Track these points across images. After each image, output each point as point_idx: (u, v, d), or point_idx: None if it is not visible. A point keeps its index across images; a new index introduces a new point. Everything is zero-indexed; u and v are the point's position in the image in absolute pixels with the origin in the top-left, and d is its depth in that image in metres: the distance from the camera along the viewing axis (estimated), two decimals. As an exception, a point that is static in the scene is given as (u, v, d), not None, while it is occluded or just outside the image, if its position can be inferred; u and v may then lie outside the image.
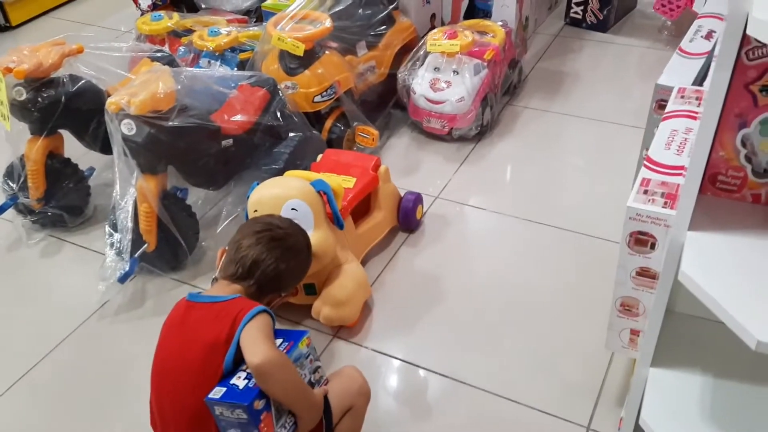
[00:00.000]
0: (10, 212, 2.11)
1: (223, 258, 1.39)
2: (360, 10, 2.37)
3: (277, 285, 1.39)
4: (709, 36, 1.75)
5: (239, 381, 1.17)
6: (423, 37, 2.41)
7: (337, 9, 2.29)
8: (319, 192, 1.64)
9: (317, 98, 2.15)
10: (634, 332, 1.35)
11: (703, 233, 0.95)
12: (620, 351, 1.41)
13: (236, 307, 1.23)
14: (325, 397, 1.27)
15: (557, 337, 1.69)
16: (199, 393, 1.17)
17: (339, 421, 1.32)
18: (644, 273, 1.26)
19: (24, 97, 1.91)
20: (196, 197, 2.09)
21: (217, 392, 1.16)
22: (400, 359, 1.67)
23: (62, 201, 2.07)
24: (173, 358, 1.26)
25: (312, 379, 1.26)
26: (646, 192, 1.21)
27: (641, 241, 1.22)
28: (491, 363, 1.64)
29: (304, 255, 1.46)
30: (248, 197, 1.67)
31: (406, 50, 2.46)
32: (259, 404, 1.15)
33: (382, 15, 2.40)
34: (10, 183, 2.05)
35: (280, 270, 1.35)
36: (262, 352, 1.15)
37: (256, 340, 1.17)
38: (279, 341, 1.23)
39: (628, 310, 1.33)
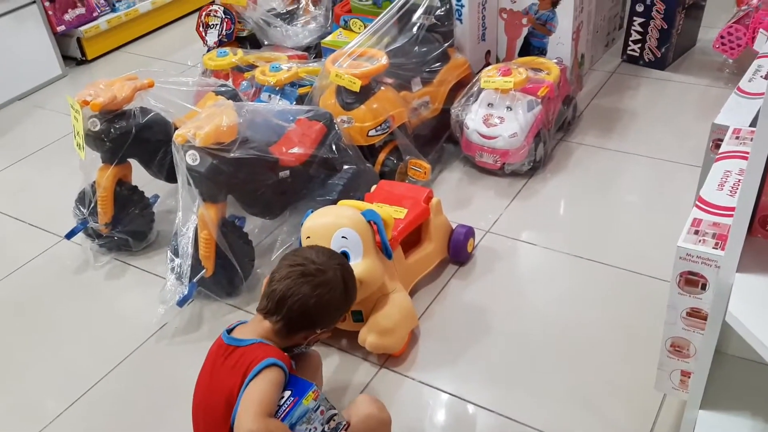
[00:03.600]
0: (80, 236, 2.22)
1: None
2: (416, 48, 2.43)
3: (307, 322, 1.35)
4: (768, 76, 1.73)
5: None
6: (477, 73, 2.45)
7: (393, 46, 2.36)
8: (369, 221, 1.68)
9: (372, 132, 2.21)
10: (685, 374, 1.33)
11: (752, 275, 0.95)
12: (671, 392, 1.39)
13: (250, 357, 1.25)
14: None
15: (607, 377, 1.66)
16: None
17: None
18: (695, 314, 1.24)
19: (98, 128, 2.03)
20: (253, 225, 2.17)
21: None
22: (446, 392, 1.68)
23: (128, 226, 2.17)
24: (202, 402, 1.33)
25: (327, 429, 1.27)
26: (696, 232, 1.21)
27: (691, 281, 1.21)
28: (539, 400, 1.63)
29: (339, 291, 1.37)
30: (302, 224, 1.72)
31: (460, 86, 2.50)
32: None
33: (437, 52, 2.45)
34: (81, 208, 2.17)
35: (307, 306, 1.32)
36: (246, 427, 1.15)
37: (247, 409, 1.17)
38: (287, 394, 1.24)
39: (679, 351, 1.31)
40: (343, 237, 1.64)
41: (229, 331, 1.36)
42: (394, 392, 1.67)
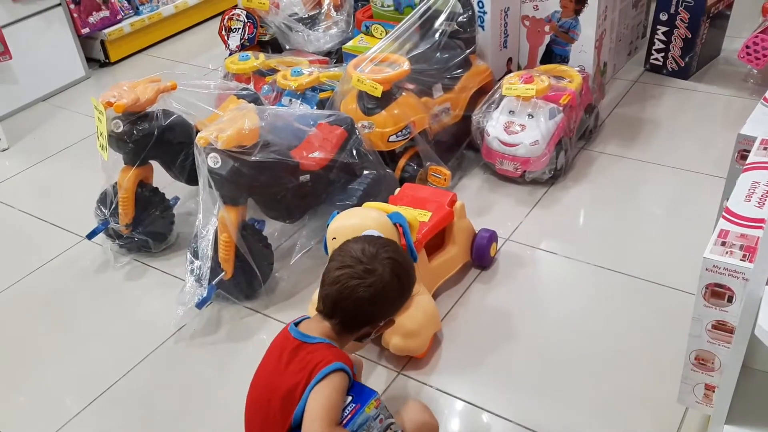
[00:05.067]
0: (101, 236, 2.24)
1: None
2: (438, 54, 2.42)
3: (365, 319, 1.36)
4: (795, 86, 1.71)
5: None
6: (499, 80, 2.44)
7: (415, 52, 2.36)
8: (395, 224, 1.68)
9: (392, 138, 2.21)
10: (709, 387, 1.31)
11: (782, 288, 0.93)
12: (694, 406, 1.37)
13: (317, 358, 1.24)
14: None
15: (628, 388, 1.64)
16: None
17: None
18: (721, 327, 1.23)
19: (121, 129, 2.04)
20: (273, 229, 2.17)
21: None
22: (464, 401, 1.66)
23: (148, 227, 2.19)
24: (261, 387, 1.31)
25: None
26: (723, 244, 1.19)
27: (718, 293, 1.19)
28: (558, 410, 1.62)
29: (392, 285, 1.35)
30: (328, 225, 1.72)
31: (481, 93, 2.49)
32: None
33: (459, 59, 2.44)
34: (102, 209, 2.18)
35: (362, 306, 1.32)
36: None
37: (316, 416, 1.17)
38: (348, 399, 1.24)
39: (703, 364, 1.29)
40: (369, 239, 1.63)
41: (296, 323, 1.36)
42: (413, 397, 1.66)
